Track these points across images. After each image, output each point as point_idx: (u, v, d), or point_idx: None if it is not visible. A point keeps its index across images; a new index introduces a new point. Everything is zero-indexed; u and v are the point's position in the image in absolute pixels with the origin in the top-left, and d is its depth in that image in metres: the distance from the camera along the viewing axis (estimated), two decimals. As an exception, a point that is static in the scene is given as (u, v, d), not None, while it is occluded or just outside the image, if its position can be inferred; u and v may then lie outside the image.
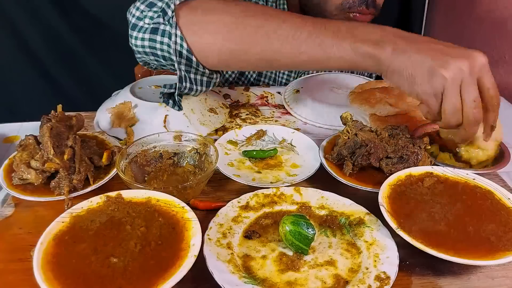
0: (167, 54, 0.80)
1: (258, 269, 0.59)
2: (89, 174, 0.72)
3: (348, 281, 0.57)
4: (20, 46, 1.92)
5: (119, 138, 0.87)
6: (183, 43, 0.77)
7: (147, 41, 0.80)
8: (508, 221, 0.63)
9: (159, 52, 0.80)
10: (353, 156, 0.75)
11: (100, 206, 0.63)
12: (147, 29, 0.80)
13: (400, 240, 0.61)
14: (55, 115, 0.74)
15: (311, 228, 0.61)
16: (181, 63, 0.80)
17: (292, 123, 0.99)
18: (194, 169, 0.78)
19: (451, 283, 0.60)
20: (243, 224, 0.66)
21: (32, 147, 0.72)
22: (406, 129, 0.78)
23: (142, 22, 0.80)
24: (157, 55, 0.81)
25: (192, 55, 0.79)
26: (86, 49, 1.98)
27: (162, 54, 0.80)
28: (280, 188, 0.72)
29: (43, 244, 0.56)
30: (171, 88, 0.85)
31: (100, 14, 1.93)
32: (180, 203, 0.63)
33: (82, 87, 2.03)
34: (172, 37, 0.77)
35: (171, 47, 0.78)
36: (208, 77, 0.86)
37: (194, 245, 0.56)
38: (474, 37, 1.60)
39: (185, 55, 0.78)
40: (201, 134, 0.88)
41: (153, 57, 0.82)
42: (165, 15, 0.78)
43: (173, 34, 0.77)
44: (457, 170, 0.72)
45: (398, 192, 0.68)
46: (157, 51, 0.80)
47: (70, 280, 0.52)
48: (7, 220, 0.70)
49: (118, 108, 0.90)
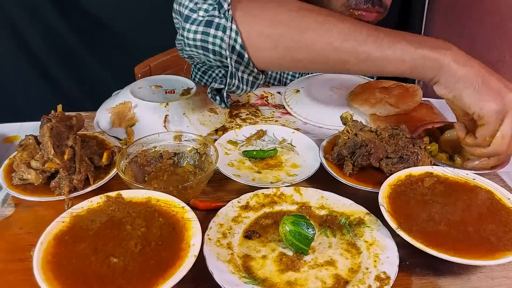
0: (218, 48, 0.77)
1: (258, 269, 0.59)
2: (89, 174, 0.72)
3: (348, 281, 0.57)
4: (20, 46, 1.92)
5: (119, 138, 0.87)
6: (238, 37, 0.74)
7: (199, 34, 0.77)
8: (508, 221, 0.63)
9: (210, 46, 0.77)
10: (353, 156, 0.75)
11: (100, 206, 0.63)
12: (201, 22, 0.77)
13: (400, 240, 0.61)
14: (55, 115, 0.74)
15: (311, 228, 0.61)
16: (232, 59, 0.77)
17: (292, 123, 0.99)
18: (194, 169, 0.78)
19: (451, 283, 0.61)
20: (243, 224, 0.66)
21: (32, 147, 0.72)
22: (406, 129, 0.78)
23: (196, 15, 0.78)
24: (207, 49, 0.78)
25: (245, 51, 0.76)
26: (86, 49, 1.98)
27: (213, 48, 0.77)
28: (280, 188, 0.72)
29: (43, 244, 0.56)
30: (221, 83, 0.82)
31: (100, 14, 1.93)
32: (180, 203, 0.63)
33: (82, 87, 2.03)
34: (226, 31, 0.74)
35: (224, 41, 0.75)
36: (254, 77, 0.83)
37: (194, 245, 0.56)
38: (474, 37, 1.60)
39: (238, 50, 0.76)
40: (201, 134, 0.88)
41: (202, 51, 0.79)
42: (221, 8, 0.75)
43: (227, 28, 0.74)
44: (457, 170, 0.72)
45: (398, 192, 0.68)
46: (209, 45, 0.77)
47: (70, 280, 0.52)
48: (7, 220, 0.70)
49: (118, 108, 0.90)
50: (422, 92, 0.98)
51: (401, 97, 0.95)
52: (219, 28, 0.75)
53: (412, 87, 0.99)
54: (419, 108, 0.96)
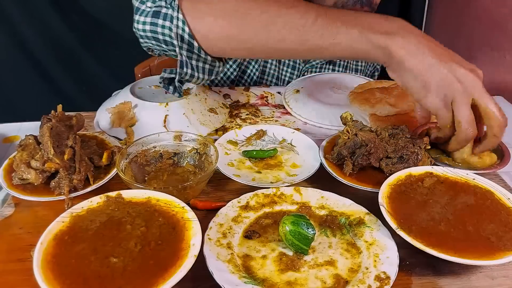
0: (168, 38, 0.78)
1: (258, 269, 0.59)
2: (89, 174, 0.72)
3: (348, 281, 0.57)
4: (20, 46, 1.92)
5: (119, 138, 0.87)
6: (185, 27, 0.75)
7: (148, 25, 0.78)
8: (508, 221, 0.63)
9: (160, 36, 0.78)
10: (353, 156, 0.75)
11: (100, 206, 0.63)
12: (149, 12, 0.78)
13: (400, 240, 0.60)
14: (55, 115, 0.74)
15: (311, 228, 0.61)
16: (183, 48, 0.77)
17: (292, 123, 0.99)
18: (194, 169, 0.78)
19: (451, 283, 0.60)
20: (243, 224, 0.66)
21: (32, 147, 0.72)
22: (406, 129, 0.78)
23: (144, 6, 0.78)
24: (158, 39, 0.79)
25: (194, 40, 0.76)
26: (86, 49, 1.98)
27: (163, 38, 0.78)
28: (280, 188, 0.72)
29: (43, 244, 0.56)
30: (172, 73, 0.83)
31: (100, 14, 1.93)
32: (180, 203, 0.63)
33: (82, 87, 2.03)
34: (174, 21, 0.75)
35: (172, 31, 0.76)
36: (211, 65, 0.83)
37: (194, 245, 0.56)
38: (473, 36, 1.60)
39: (187, 39, 0.76)
40: (201, 134, 0.88)
41: (155, 41, 0.80)
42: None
43: (174, 18, 0.75)
44: (457, 170, 0.72)
45: (398, 192, 0.68)
46: (159, 35, 0.78)
47: (70, 280, 0.52)
48: (7, 220, 0.70)
49: (118, 108, 0.90)
50: (422, 92, 0.98)
51: (401, 97, 0.95)
52: (167, 18, 0.76)
53: (412, 87, 0.98)
54: (419, 108, 0.96)
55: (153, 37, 0.79)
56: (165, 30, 0.77)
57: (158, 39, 0.79)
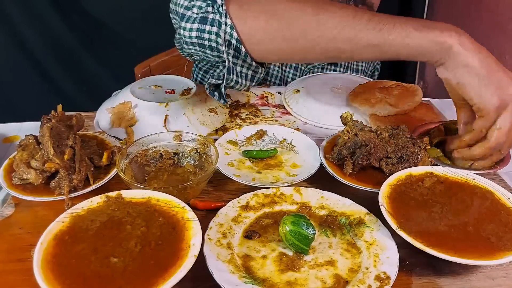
0: (214, 44, 0.77)
1: (258, 269, 0.59)
2: (89, 174, 0.72)
3: (348, 281, 0.57)
4: (20, 47, 1.92)
5: (119, 138, 0.87)
6: (233, 32, 0.74)
7: (195, 31, 0.77)
8: (508, 221, 0.63)
9: (206, 42, 0.77)
10: (353, 156, 0.75)
11: (100, 206, 0.63)
12: (196, 19, 0.77)
13: (400, 240, 0.60)
14: (55, 115, 0.74)
15: (311, 228, 0.61)
16: (229, 54, 0.77)
17: (292, 123, 0.99)
18: (194, 169, 0.78)
19: (451, 283, 0.61)
20: (243, 224, 0.66)
21: (32, 147, 0.72)
22: (406, 129, 0.78)
23: (190, 12, 0.78)
24: (204, 45, 0.78)
25: (242, 45, 0.75)
26: (86, 49, 1.98)
27: (209, 44, 0.77)
28: (280, 188, 0.72)
29: (43, 244, 0.56)
30: (219, 79, 0.82)
31: (100, 14, 1.93)
32: (180, 203, 0.63)
33: (82, 87, 2.03)
34: (221, 26, 0.74)
35: (220, 37, 0.75)
36: (254, 71, 0.82)
37: (194, 245, 0.56)
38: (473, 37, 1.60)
39: (234, 45, 0.75)
40: (201, 134, 0.88)
41: (199, 48, 0.79)
42: (215, 4, 0.75)
43: (222, 23, 0.74)
44: (457, 170, 0.72)
45: (398, 192, 0.68)
46: (205, 41, 0.77)
47: (70, 280, 0.52)
48: (7, 220, 0.70)
49: (118, 108, 0.90)
50: (422, 92, 0.98)
51: (401, 97, 0.95)
52: (214, 24, 0.75)
53: (412, 87, 0.99)
54: (419, 108, 0.96)
55: (199, 43, 0.78)
56: (212, 36, 0.76)
57: (203, 45, 0.78)
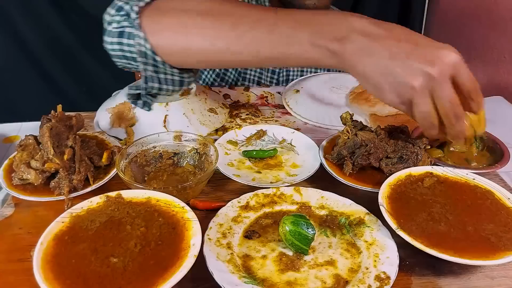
0: (135, 55, 0.80)
1: (258, 269, 0.59)
2: (89, 174, 0.72)
3: (348, 281, 0.57)
4: (20, 47, 1.92)
5: (119, 138, 0.87)
6: (146, 44, 0.77)
7: (116, 44, 0.80)
8: (508, 221, 0.63)
9: (128, 54, 0.80)
10: (353, 156, 0.75)
11: (100, 206, 0.63)
12: (115, 33, 0.80)
13: (400, 240, 0.60)
14: (55, 115, 0.74)
15: (311, 228, 0.61)
16: (148, 64, 0.79)
17: (292, 123, 0.99)
18: (194, 169, 0.78)
19: (451, 283, 0.60)
20: (243, 224, 0.66)
21: (32, 147, 0.72)
22: (406, 129, 0.78)
23: (111, 27, 0.80)
24: (126, 57, 0.81)
25: (156, 55, 0.78)
26: (86, 49, 1.98)
27: (131, 56, 0.80)
28: (280, 188, 0.72)
29: (43, 244, 0.56)
30: (137, 89, 0.86)
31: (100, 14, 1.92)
32: (180, 203, 0.63)
33: (82, 87, 2.03)
34: (135, 39, 0.77)
35: (136, 48, 0.78)
36: (180, 76, 0.84)
37: (194, 245, 0.56)
38: (473, 37, 1.60)
39: (150, 55, 0.78)
40: (201, 134, 0.88)
41: (125, 60, 0.82)
42: (129, 18, 0.78)
43: (136, 36, 0.77)
44: (457, 170, 0.72)
45: (398, 192, 0.68)
46: (126, 53, 0.80)
47: (70, 280, 0.52)
48: (7, 220, 0.70)
49: (118, 108, 0.90)
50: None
51: (401, 97, 0.95)
52: (130, 37, 0.78)
53: (412, 87, 0.98)
54: (419, 108, 0.96)
55: (123, 55, 0.81)
56: (131, 48, 0.79)
57: (126, 57, 0.81)
